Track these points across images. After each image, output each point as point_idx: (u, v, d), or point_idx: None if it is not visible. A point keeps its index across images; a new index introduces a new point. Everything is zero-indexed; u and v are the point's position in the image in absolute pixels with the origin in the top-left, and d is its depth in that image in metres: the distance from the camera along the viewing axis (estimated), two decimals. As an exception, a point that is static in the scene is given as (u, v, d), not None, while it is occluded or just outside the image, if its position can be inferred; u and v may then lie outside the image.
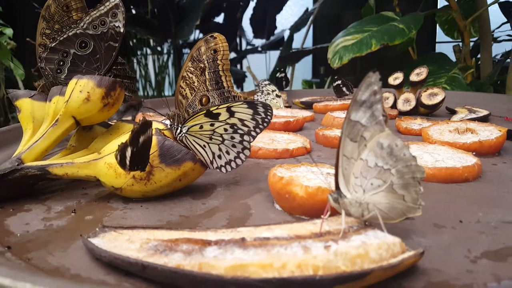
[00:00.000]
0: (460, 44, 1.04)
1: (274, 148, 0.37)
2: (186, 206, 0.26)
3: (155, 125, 0.28)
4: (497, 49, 1.22)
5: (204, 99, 0.33)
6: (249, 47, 1.93)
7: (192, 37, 1.60)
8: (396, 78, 0.59)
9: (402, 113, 0.57)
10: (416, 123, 0.46)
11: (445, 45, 1.45)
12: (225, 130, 0.28)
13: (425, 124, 0.45)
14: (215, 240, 0.18)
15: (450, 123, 0.41)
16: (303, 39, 1.53)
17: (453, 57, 1.01)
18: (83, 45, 0.35)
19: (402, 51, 1.12)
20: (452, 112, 0.55)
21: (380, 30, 0.86)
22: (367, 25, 0.89)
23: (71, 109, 0.29)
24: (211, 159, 0.28)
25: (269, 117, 0.28)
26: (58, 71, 0.36)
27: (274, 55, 1.74)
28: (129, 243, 0.19)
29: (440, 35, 1.47)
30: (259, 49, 1.81)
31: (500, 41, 1.25)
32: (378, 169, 0.18)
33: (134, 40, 1.62)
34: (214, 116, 0.27)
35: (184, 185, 0.27)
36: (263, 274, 0.15)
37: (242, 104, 0.27)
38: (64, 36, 0.35)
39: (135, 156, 0.23)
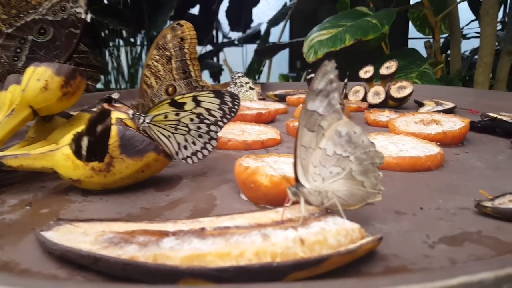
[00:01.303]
0: (431, 40, 1.07)
1: (244, 140, 0.36)
2: (149, 198, 0.25)
3: (116, 114, 0.27)
4: (466, 46, 1.27)
5: (170, 89, 0.33)
6: (225, 40, 1.91)
7: (166, 29, 1.56)
8: (366, 72, 0.60)
9: (372, 106, 0.58)
10: (384, 115, 0.47)
11: (416, 41, 1.49)
12: (191, 120, 0.27)
13: (393, 116, 0.46)
14: (174, 231, 0.17)
15: (416, 115, 0.42)
16: (280, 33, 1.53)
17: (424, 53, 1.04)
18: (42, 31, 0.33)
19: (375, 46, 1.14)
20: (420, 104, 0.56)
21: (354, 25, 0.86)
22: (341, 20, 0.90)
23: (28, 98, 0.27)
24: (176, 149, 0.27)
25: (236, 107, 0.27)
26: (15, 58, 0.34)
27: (251, 48, 1.73)
28: (84, 236, 0.18)
29: (412, 31, 1.51)
30: (236, 42, 1.80)
31: (469, 38, 1.29)
32: (337, 157, 0.18)
33: (106, 31, 1.57)
34: (179, 106, 0.27)
35: (148, 177, 0.26)
36: (221, 263, 0.15)
37: (208, 93, 0.27)
38: (22, 22, 0.33)
39: (93, 146, 0.22)
